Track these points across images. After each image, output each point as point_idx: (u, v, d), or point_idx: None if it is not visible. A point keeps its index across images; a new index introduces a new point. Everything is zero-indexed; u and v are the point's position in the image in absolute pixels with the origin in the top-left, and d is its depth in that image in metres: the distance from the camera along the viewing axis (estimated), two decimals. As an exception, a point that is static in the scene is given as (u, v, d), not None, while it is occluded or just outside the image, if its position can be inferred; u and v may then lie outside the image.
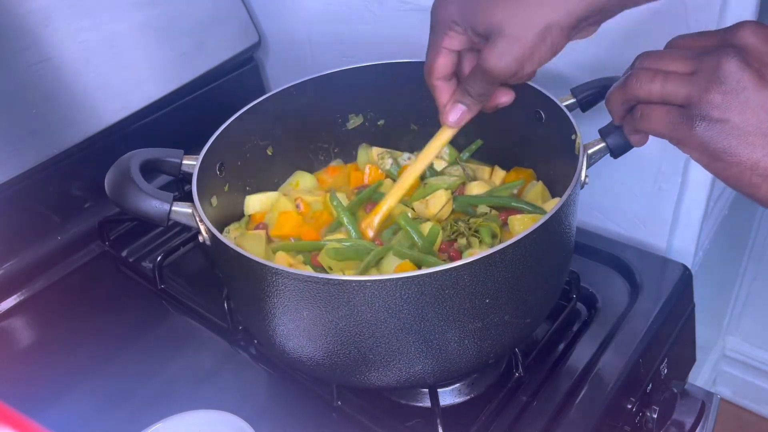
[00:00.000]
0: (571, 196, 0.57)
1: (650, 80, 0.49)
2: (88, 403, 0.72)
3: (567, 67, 0.79)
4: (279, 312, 0.59)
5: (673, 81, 0.48)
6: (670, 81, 0.48)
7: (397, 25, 0.91)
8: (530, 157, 0.78)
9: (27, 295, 0.85)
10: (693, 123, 0.46)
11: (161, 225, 0.62)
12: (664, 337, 0.76)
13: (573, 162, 0.61)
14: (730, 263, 1.28)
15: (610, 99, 0.54)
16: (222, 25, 1.02)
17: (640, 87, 0.49)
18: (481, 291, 0.55)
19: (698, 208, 0.82)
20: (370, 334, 0.56)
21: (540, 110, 0.71)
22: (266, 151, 0.80)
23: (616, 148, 0.61)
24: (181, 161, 0.68)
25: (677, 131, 0.48)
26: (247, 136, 0.76)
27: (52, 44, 0.85)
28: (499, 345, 0.62)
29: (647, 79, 0.49)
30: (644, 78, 0.49)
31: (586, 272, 0.81)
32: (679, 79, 0.47)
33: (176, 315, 0.82)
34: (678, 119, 0.47)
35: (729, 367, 1.48)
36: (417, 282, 0.52)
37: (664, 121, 0.49)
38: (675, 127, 0.48)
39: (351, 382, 0.64)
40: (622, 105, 0.53)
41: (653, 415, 0.72)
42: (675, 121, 0.48)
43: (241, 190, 0.77)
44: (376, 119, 0.85)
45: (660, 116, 0.49)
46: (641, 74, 0.50)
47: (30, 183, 0.83)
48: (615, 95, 0.53)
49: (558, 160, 0.69)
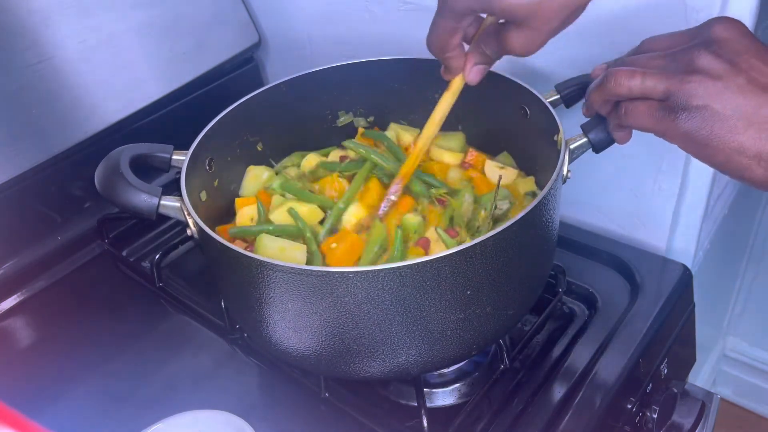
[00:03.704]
0: (552, 189, 0.58)
1: (629, 77, 0.50)
2: (88, 403, 0.72)
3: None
4: (265, 303, 0.59)
5: (650, 76, 0.49)
6: (648, 76, 0.49)
7: (397, 25, 0.91)
8: (515, 152, 0.79)
9: (27, 295, 0.85)
10: (675, 114, 0.48)
11: (150, 218, 0.63)
12: (664, 337, 0.76)
13: (557, 157, 0.61)
14: (730, 263, 1.28)
15: (591, 99, 0.55)
16: (222, 25, 1.02)
17: (619, 85, 0.51)
18: (462, 282, 0.55)
19: (698, 208, 0.82)
20: (353, 325, 0.57)
21: (525, 106, 0.72)
22: (256, 147, 0.80)
23: (598, 143, 0.62)
24: (170, 156, 0.69)
25: (661, 124, 0.50)
26: (237, 132, 0.77)
27: (52, 44, 0.85)
28: (482, 336, 0.62)
29: (626, 76, 0.50)
30: (623, 76, 0.51)
31: (586, 272, 0.81)
32: (657, 73, 0.49)
33: (175, 314, 0.82)
34: (660, 112, 0.49)
35: (729, 367, 1.48)
36: (398, 273, 0.53)
37: (647, 115, 0.50)
38: (658, 121, 0.50)
39: (337, 373, 0.65)
40: (604, 105, 0.55)
41: (653, 415, 0.72)
42: (657, 114, 0.49)
43: (230, 186, 0.78)
44: (366, 115, 0.86)
45: (642, 111, 0.51)
46: (619, 73, 0.51)
47: (30, 183, 0.84)
48: (594, 95, 0.54)
49: (542, 155, 0.69)
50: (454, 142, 0.81)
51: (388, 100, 0.84)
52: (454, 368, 0.72)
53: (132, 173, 0.64)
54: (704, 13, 0.67)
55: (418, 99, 0.82)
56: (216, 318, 0.79)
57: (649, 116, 0.50)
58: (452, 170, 0.78)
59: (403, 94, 0.82)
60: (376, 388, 0.71)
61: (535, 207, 0.56)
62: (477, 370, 0.72)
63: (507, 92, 0.72)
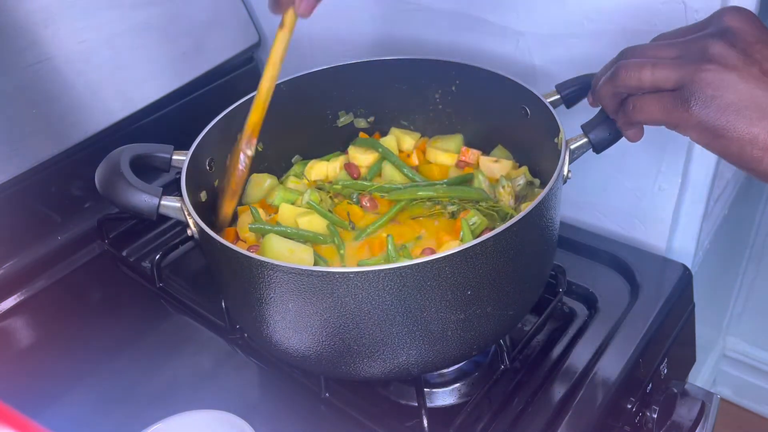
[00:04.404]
0: (553, 189, 0.58)
1: (639, 69, 0.49)
2: (88, 403, 0.72)
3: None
4: (265, 303, 0.59)
5: (662, 67, 0.48)
6: (660, 67, 0.48)
7: (397, 25, 0.91)
8: (516, 152, 0.79)
9: (27, 295, 0.85)
10: (688, 104, 0.47)
11: (150, 219, 0.63)
12: (664, 337, 0.76)
13: (558, 157, 0.61)
14: (730, 263, 1.28)
15: (600, 93, 0.54)
16: (222, 25, 1.02)
17: (630, 77, 0.50)
18: (462, 282, 0.55)
19: (698, 208, 0.82)
20: (354, 325, 0.57)
21: (525, 106, 0.72)
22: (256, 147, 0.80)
23: (599, 143, 0.61)
24: (171, 156, 0.69)
25: (673, 115, 0.48)
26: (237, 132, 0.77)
27: (52, 44, 0.85)
28: (482, 336, 0.62)
29: (636, 68, 0.49)
30: (633, 68, 0.50)
31: (586, 272, 0.81)
32: (669, 64, 0.48)
33: (175, 314, 0.82)
34: (672, 103, 0.48)
35: (729, 367, 1.48)
36: (399, 273, 0.53)
37: (659, 107, 0.49)
38: (671, 112, 0.48)
39: (337, 373, 0.65)
40: (613, 98, 0.53)
41: (653, 415, 0.72)
42: (670, 105, 0.48)
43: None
44: (366, 116, 0.85)
45: (653, 103, 0.49)
46: (629, 65, 0.50)
47: (30, 183, 0.84)
48: (604, 89, 0.53)
49: (543, 155, 0.69)
50: (452, 143, 0.81)
51: (388, 100, 0.84)
52: (454, 368, 0.72)
53: (132, 173, 0.64)
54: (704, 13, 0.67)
55: (418, 99, 0.82)
56: (216, 318, 0.79)
57: (661, 108, 0.49)
58: (451, 171, 0.78)
59: (403, 94, 0.82)
60: (377, 388, 0.71)
61: (535, 207, 0.56)
62: (477, 370, 0.72)
63: (507, 92, 0.72)
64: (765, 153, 0.46)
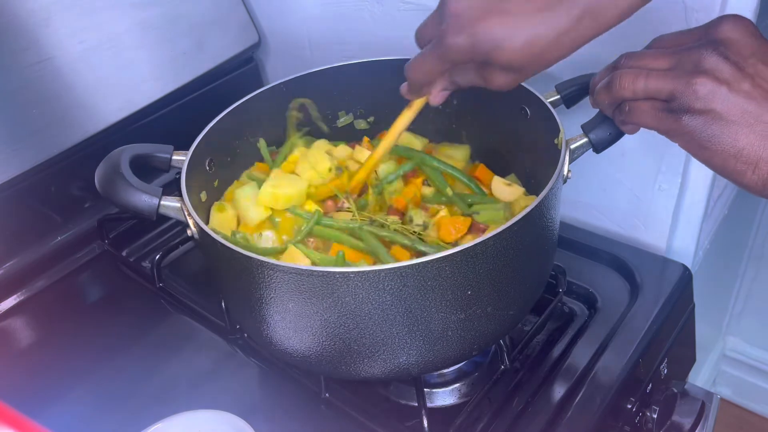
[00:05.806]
0: (553, 189, 0.58)
1: (633, 80, 0.51)
2: (88, 403, 0.72)
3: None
4: (265, 304, 0.59)
5: (655, 78, 0.49)
6: (653, 78, 0.50)
7: (397, 25, 0.91)
8: (515, 153, 0.79)
9: (27, 295, 0.85)
10: (679, 115, 0.48)
11: (150, 219, 0.63)
12: (664, 337, 0.76)
13: (558, 157, 0.61)
14: (730, 263, 1.28)
15: (597, 99, 0.56)
16: (222, 25, 1.02)
17: (624, 88, 0.51)
18: (463, 282, 0.56)
19: (698, 208, 0.82)
20: (354, 325, 0.57)
21: (525, 106, 0.72)
22: (257, 148, 0.80)
23: (599, 143, 0.62)
24: (170, 156, 0.69)
25: (664, 123, 0.50)
26: (237, 133, 0.77)
27: (52, 44, 0.85)
28: (483, 336, 0.62)
29: (630, 79, 0.51)
30: (627, 78, 0.51)
31: (586, 272, 0.81)
32: (662, 75, 0.49)
33: (175, 314, 0.82)
34: (664, 113, 0.49)
35: (729, 367, 1.48)
36: (399, 273, 0.53)
37: (651, 114, 0.51)
38: (661, 120, 0.50)
39: (338, 373, 0.65)
40: (610, 106, 0.55)
41: (653, 415, 0.72)
42: (661, 114, 0.50)
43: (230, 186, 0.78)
44: (366, 116, 0.86)
45: (646, 111, 0.51)
46: (624, 75, 0.51)
47: (30, 183, 0.84)
48: (601, 96, 0.55)
49: (543, 155, 0.69)
50: (460, 153, 0.81)
51: (388, 100, 0.83)
52: (454, 368, 0.72)
53: (132, 173, 0.64)
54: (704, 13, 0.67)
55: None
56: (216, 318, 0.79)
57: (653, 116, 0.50)
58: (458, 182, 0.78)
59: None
60: (377, 388, 0.71)
61: (535, 207, 0.56)
62: (477, 370, 0.72)
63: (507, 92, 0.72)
64: (748, 167, 0.47)
